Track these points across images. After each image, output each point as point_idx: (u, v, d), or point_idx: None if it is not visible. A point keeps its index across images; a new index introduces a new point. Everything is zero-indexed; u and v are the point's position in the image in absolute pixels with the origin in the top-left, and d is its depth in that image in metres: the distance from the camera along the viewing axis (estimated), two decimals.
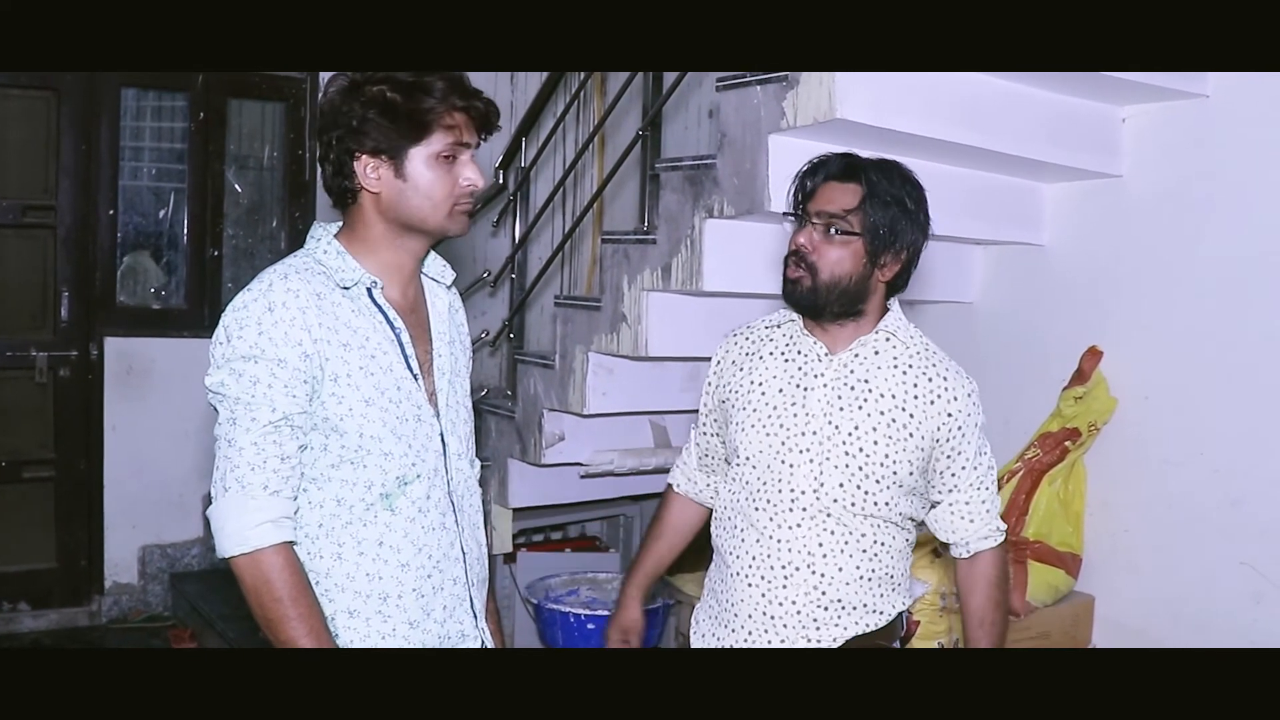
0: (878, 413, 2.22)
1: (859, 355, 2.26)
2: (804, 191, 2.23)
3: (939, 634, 3.35)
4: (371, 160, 1.93)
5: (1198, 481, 3.27)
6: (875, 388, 2.24)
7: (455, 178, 1.95)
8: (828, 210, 2.19)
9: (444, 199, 1.95)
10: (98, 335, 5.45)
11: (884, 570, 2.27)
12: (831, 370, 2.25)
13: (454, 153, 1.94)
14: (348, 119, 1.91)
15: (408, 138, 1.91)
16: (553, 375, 3.96)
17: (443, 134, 1.92)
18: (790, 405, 2.25)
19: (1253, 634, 3.13)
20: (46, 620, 5.41)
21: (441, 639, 2.03)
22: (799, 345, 2.30)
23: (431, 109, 1.90)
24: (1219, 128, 3.22)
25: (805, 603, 2.22)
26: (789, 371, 2.29)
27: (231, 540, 1.82)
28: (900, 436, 2.21)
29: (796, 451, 2.22)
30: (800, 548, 2.22)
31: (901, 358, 2.27)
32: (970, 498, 2.32)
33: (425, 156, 1.92)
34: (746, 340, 2.40)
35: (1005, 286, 3.90)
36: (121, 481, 5.52)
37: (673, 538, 2.63)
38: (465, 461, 2.12)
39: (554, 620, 4.52)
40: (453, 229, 2.00)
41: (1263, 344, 3.11)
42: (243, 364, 1.84)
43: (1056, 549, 3.47)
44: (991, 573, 2.35)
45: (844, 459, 2.21)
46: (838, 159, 2.24)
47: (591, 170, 5.51)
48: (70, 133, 5.35)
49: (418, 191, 1.94)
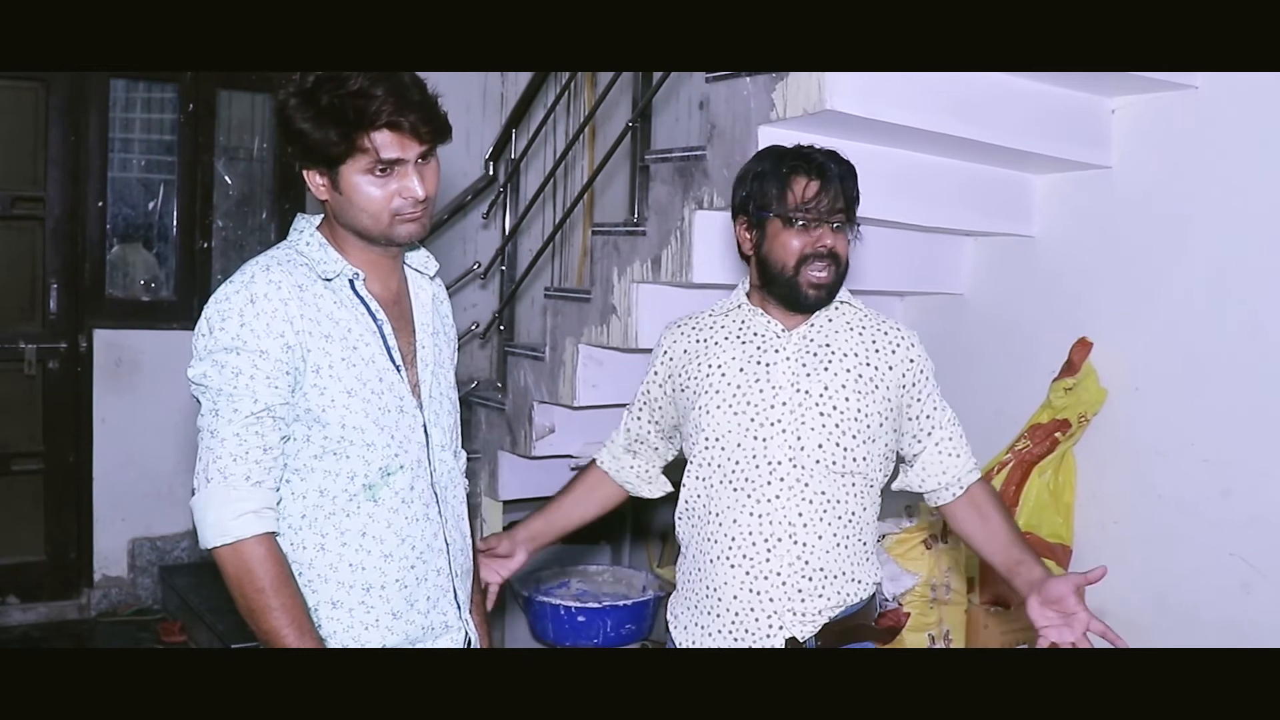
0: (844, 370, 2.28)
1: (816, 325, 2.32)
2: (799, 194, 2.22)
3: (929, 625, 3.35)
4: (311, 172, 1.93)
5: (1188, 472, 3.27)
6: (837, 349, 2.30)
7: (393, 191, 1.91)
8: (832, 206, 2.22)
9: (380, 211, 1.92)
10: (87, 327, 5.44)
11: (858, 536, 2.31)
12: (792, 344, 2.30)
13: (388, 167, 1.90)
14: (287, 130, 1.91)
15: (337, 156, 1.88)
16: (543, 367, 3.96)
17: (367, 155, 1.88)
18: (754, 382, 2.28)
19: (1242, 624, 3.13)
20: (35, 613, 5.40)
21: (425, 630, 2.03)
22: (753, 326, 2.34)
23: (354, 128, 1.85)
24: (1208, 119, 3.22)
25: (790, 573, 2.24)
26: (747, 351, 2.32)
27: (213, 531, 1.82)
28: (868, 389, 2.28)
29: (768, 425, 2.25)
30: (781, 518, 2.24)
31: (854, 320, 2.35)
32: (951, 434, 2.40)
33: (357, 171, 1.89)
34: (694, 329, 2.43)
35: (995, 278, 3.90)
36: (111, 474, 5.51)
37: (582, 500, 2.64)
38: (449, 453, 2.12)
39: (544, 612, 4.51)
40: (398, 238, 1.96)
41: (1252, 335, 3.11)
42: (225, 355, 1.83)
43: (1047, 540, 3.47)
44: (992, 494, 2.43)
45: (819, 419, 2.24)
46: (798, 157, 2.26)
47: (582, 162, 5.50)
48: (59, 124, 5.34)
49: (353, 205, 1.92)
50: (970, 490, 2.40)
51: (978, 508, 2.40)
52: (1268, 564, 3.08)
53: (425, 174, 1.94)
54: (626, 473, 2.60)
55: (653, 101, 3.62)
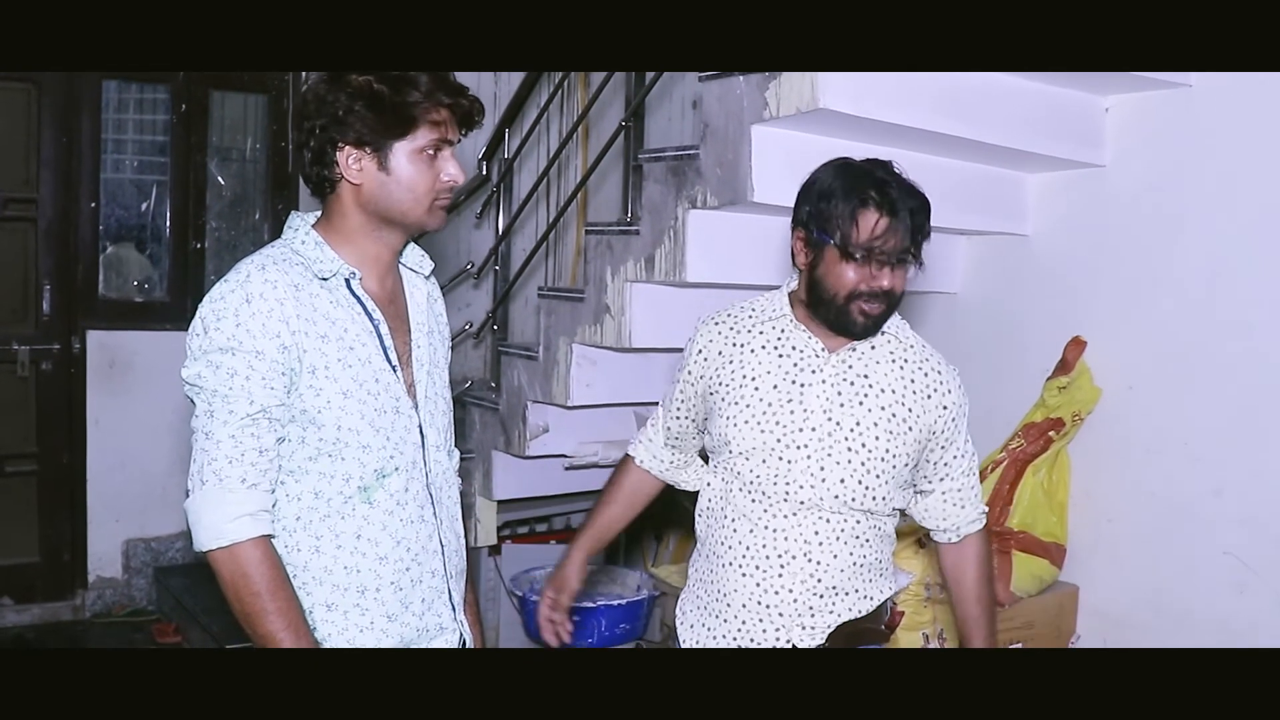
0: (878, 408, 2.23)
1: (857, 350, 2.26)
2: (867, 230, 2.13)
3: (923, 624, 3.35)
4: (355, 151, 1.92)
5: (1181, 471, 3.28)
6: (875, 383, 2.24)
7: (437, 172, 1.95)
8: (898, 247, 2.14)
9: (425, 193, 1.95)
10: (80, 328, 5.44)
11: (874, 556, 2.30)
12: (830, 367, 2.24)
13: (437, 148, 1.93)
14: (332, 108, 1.89)
15: (393, 132, 1.90)
16: (536, 367, 3.95)
17: (428, 129, 1.91)
18: (787, 402, 2.23)
19: (1235, 623, 3.13)
20: (30, 615, 5.39)
21: (420, 631, 2.03)
22: (793, 340, 2.28)
23: (417, 104, 1.89)
24: (1202, 117, 3.23)
25: (802, 590, 2.23)
26: (784, 367, 2.26)
27: (208, 534, 1.81)
28: (900, 430, 2.23)
29: (795, 448, 2.21)
30: (796, 536, 2.22)
31: (897, 352, 2.28)
32: (961, 485, 2.37)
33: (409, 151, 1.91)
34: (731, 330, 2.35)
35: (989, 277, 3.90)
36: (104, 475, 5.51)
37: (626, 505, 2.62)
38: (444, 453, 2.11)
39: (539, 613, 4.50)
40: (431, 224, 2.00)
41: (1246, 334, 3.12)
42: (220, 356, 1.82)
43: (1041, 539, 3.47)
44: (982, 551, 2.42)
45: (846, 455, 2.21)
46: (873, 186, 2.15)
47: (575, 161, 5.50)
48: (51, 125, 5.34)
49: (400, 185, 1.93)
50: (965, 542, 2.40)
51: (960, 561, 2.41)
52: (1260, 562, 3.08)
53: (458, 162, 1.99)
54: (669, 468, 2.56)
55: (646, 101, 3.62)
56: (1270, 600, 3.07)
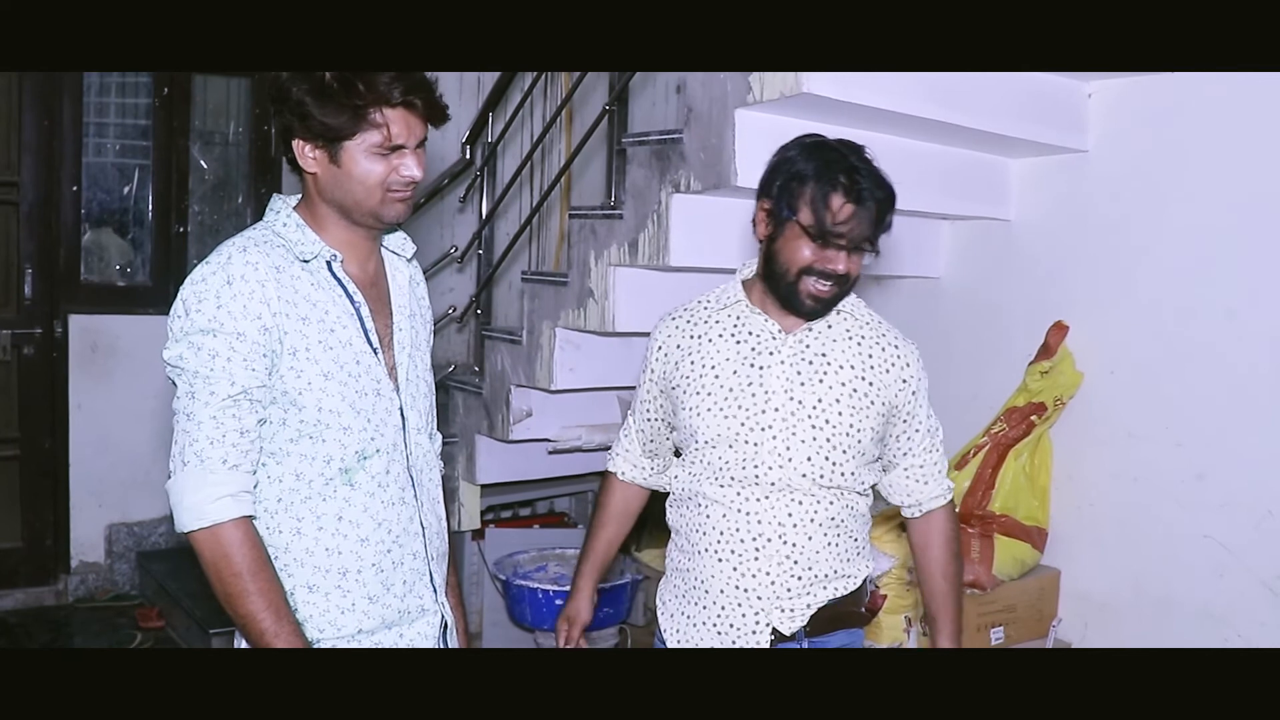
0: (839, 384, 2.24)
1: (814, 330, 2.27)
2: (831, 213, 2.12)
3: (906, 608, 3.36)
4: (308, 144, 1.92)
5: (1162, 455, 3.30)
6: (834, 360, 2.25)
7: (393, 168, 1.93)
8: (859, 234, 2.15)
9: (376, 186, 1.93)
10: (62, 313, 5.41)
11: (849, 535, 2.31)
12: (787, 347, 2.25)
13: (390, 148, 1.91)
14: (288, 100, 1.89)
15: (343, 130, 1.88)
16: (520, 351, 3.95)
17: (376, 131, 1.89)
18: (747, 385, 2.24)
19: (1215, 607, 3.16)
20: (13, 600, 5.37)
21: (401, 613, 2.03)
22: (749, 325, 2.29)
23: (364, 105, 1.87)
24: (1185, 102, 3.23)
25: (779, 573, 2.24)
26: (741, 352, 2.27)
27: (190, 515, 1.81)
28: (862, 405, 2.24)
29: (759, 430, 2.22)
30: (770, 519, 2.23)
31: (854, 329, 2.30)
32: (924, 460, 2.38)
33: (361, 148, 1.90)
34: (688, 324, 2.37)
35: (972, 262, 3.91)
36: (87, 460, 5.49)
37: (619, 524, 2.64)
38: (425, 436, 2.12)
39: (522, 596, 4.52)
40: (388, 215, 1.98)
41: (1227, 319, 3.13)
42: (201, 337, 1.82)
43: (1023, 523, 3.49)
44: (947, 527, 2.42)
45: (810, 432, 2.22)
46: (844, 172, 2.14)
47: (559, 145, 5.49)
48: (32, 108, 5.30)
49: (350, 178, 1.92)
50: (929, 517, 2.41)
51: (925, 536, 2.42)
52: (1240, 546, 3.10)
53: (419, 157, 1.96)
54: (652, 475, 2.57)
55: (629, 85, 3.61)
56: (1250, 584, 3.09)
